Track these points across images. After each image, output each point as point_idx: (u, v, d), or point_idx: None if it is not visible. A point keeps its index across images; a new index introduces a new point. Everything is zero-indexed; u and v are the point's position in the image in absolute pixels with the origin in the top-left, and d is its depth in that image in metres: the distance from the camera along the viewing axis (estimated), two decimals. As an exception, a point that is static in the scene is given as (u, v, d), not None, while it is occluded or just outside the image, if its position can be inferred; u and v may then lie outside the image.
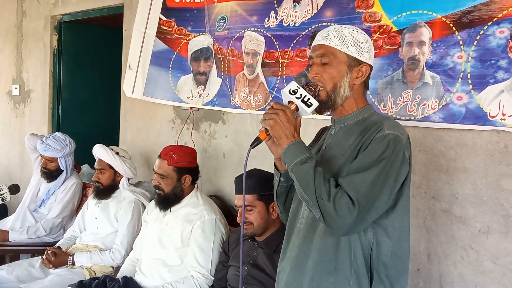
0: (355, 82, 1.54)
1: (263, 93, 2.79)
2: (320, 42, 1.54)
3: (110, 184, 3.04)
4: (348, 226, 1.38)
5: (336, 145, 1.55)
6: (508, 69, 1.85)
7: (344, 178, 1.41)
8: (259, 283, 2.15)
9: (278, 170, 1.63)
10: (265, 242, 2.21)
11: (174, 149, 2.59)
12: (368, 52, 1.54)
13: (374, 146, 1.43)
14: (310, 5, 2.54)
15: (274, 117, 1.46)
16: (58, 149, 3.39)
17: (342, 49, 1.51)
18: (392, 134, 1.43)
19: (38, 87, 4.89)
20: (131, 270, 2.67)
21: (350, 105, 1.56)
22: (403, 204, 1.48)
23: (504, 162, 1.90)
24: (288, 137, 1.46)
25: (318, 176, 1.40)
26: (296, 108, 1.50)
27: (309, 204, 1.43)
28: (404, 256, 1.51)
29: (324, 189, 1.38)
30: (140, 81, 3.47)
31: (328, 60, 1.52)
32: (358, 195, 1.37)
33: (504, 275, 1.91)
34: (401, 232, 1.49)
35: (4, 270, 2.86)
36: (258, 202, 2.18)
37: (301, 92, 1.49)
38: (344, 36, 1.51)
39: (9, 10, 5.24)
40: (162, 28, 3.37)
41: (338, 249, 1.47)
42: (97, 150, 3.04)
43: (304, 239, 1.55)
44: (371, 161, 1.40)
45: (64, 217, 3.42)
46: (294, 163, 1.43)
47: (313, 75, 1.54)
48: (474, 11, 1.94)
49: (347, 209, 1.36)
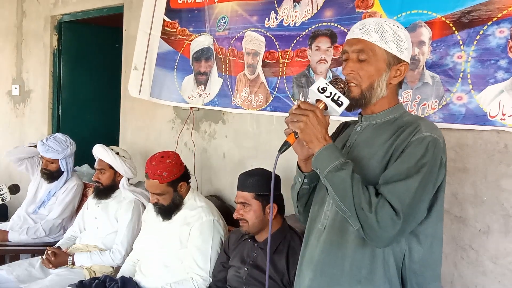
0: (392, 82, 1.45)
1: (263, 93, 2.79)
2: (358, 36, 1.42)
3: (110, 184, 3.04)
4: (390, 239, 1.30)
5: (364, 144, 1.46)
6: (508, 69, 1.85)
7: (385, 186, 1.31)
8: (259, 284, 2.15)
9: (302, 171, 1.53)
10: (265, 243, 2.21)
11: (159, 166, 2.43)
12: (408, 50, 1.44)
13: (412, 149, 1.33)
14: (310, 5, 2.54)
15: (304, 119, 1.34)
16: (59, 151, 3.38)
17: (382, 46, 1.40)
18: (431, 136, 1.35)
19: (38, 87, 4.89)
20: (131, 270, 2.66)
21: (382, 104, 1.47)
22: (437, 209, 1.40)
23: (504, 162, 1.90)
24: (320, 140, 1.35)
25: (356, 184, 1.30)
26: (325, 107, 1.38)
27: (346, 214, 1.33)
28: (434, 264, 1.43)
29: (364, 199, 1.29)
30: (147, 82, 3.48)
31: (366, 57, 1.41)
32: (403, 205, 1.27)
33: (504, 275, 1.91)
34: (433, 238, 1.41)
35: (4, 270, 2.86)
36: (254, 201, 2.19)
37: (330, 90, 1.37)
38: (384, 31, 1.40)
39: (9, 10, 5.24)
40: (167, 29, 3.37)
41: (372, 258, 1.38)
42: (97, 150, 3.04)
43: (330, 244, 1.45)
44: (411, 166, 1.31)
45: (64, 218, 3.42)
46: (329, 169, 1.33)
47: (348, 71, 1.43)
48: (474, 11, 1.94)
49: (390, 221, 1.27)
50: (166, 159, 2.49)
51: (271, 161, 1.62)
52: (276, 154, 1.45)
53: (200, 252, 2.43)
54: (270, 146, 2.79)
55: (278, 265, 2.13)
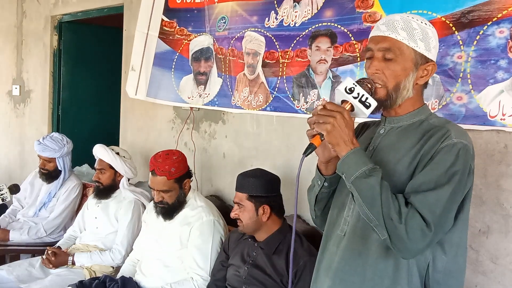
0: (419, 82, 1.38)
1: (263, 93, 2.79)
2: (385, 34, 1.36)
3: (110, 184, 3.04)
4: (418, 251, 1.26)
5: (389, 148, 1.40)
6: (508, 69, 1.85)
7: (415, 196, 1.25)
8: (259, 283, 2.15)
9: (322, 174, 1.46)
10: (264, 243, 2.21)
11: (167, 162, 2.45)
12: (435, 48, 1.38)
13: (442, 156, 1.28)
14: (310, 5, 2.54)
15: (331, 120, 1.27)
16: (56, 149, 3.39)
17: (410, 44, 1.34)
18: (461, 143, 1.30)
19: (38, 87, 4.89)
20: (131, 270, 2.67)
21: (407, 105, 1.40)
22: (463, 218, 1.35)
23: (504, 162, 1.90)
24: (347, 143, 1.28)
25: (385, 192, 1.24)
26: (351, 108, 1.32)
27: (373, 223, 1.27)
28: (458, 273, 1.38)
29: (393, 208, 1.23)
30: (143, 82, 3.48)
31: (393, 56, 1.34)
32: (434, 217, 1.23)
33: (504, 275, 1.91)
34: (458, 247, 1.36)
35: (4, 270, 2.85)
36: (248, 202, 2.20)
37: (358, 90, 1.31)
38: (412, 29, 1.34)
39: (9, 10, 5.24)
40: (165, 29, 3.37)
41: (396, 268, 1.33)
42: (98, 150, 3.04)
43: (351, 252, 1.39)
44: (441, 174, 1.26)
45: (64, 219, 3.42)
46: (356, 175, 1.27)
47: (373, 71, 1.36)
48: (473, 11, 1.94)
49: (420, 232, 1.22)
50: (172, 156, 2.51)
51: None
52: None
53: (200, 252, 2.43)
54: (270, 146, 2.79)
55: (277, 265, 2.13)
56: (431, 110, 1.49)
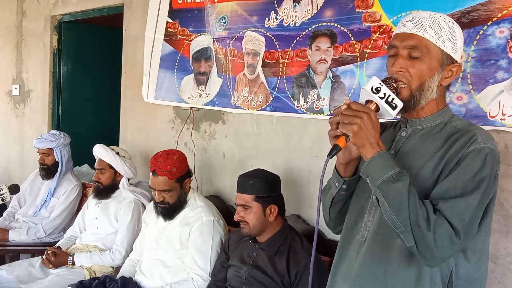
0: (443, 83, 1.34)
1: (263, 93, 2.79)
2: (412, 31, 1.31)
3: (110, 184, 3.04)
4: (444, 258, 1.23)
5: (412, 152, 1.35)
6: (508, 69, 1.85)
7: (444, 202, 1.22)
8: (259, 284, 2.15)
9: (340, 175, 1.41)
10: (266, 244, 2.21)
11: (168, 162, 2.46)
12: (461, 49, 1.34)
13: (469, 161, 1.24)
14: (310, 5, 2.54)
15: (358, 121, 1.21)
16: (52, 140, 3.45)
17: (437, 43, 1.29)
18: (488, 147, 1.26)
19: (38, 87, 4.89)
20: (131, 271, 2.67)
21: (430, 107, 1.36)
22: (487, 223, 1.31)
23: (504, 162, 1.90)
24: (373, 145, 1.24)
25: (412, 198, 1.20)
26: (376, 109, 1.27)
27: (398, 229, 1.23)
28: (480, 280, 1.34)
29: (421, 215, 1.19)
30: (152, 85, 3.49)
31: (420, 55, 1.30)
32: (463, 224, 1.19)
33: (504, 275, 1.91)
34: (481, 254, 1.32)
35: (4, 270, 2.85)
36: (255, 203, 2.18)
37: (384, 90, 1.26)
38: (441, 27, 1.29)
39: (9, 10, 5.24)
40: (169, 30, 3.37)
41: (419, 277, 1.29)
42: (98, 150, 3.04)
43: (372, 258, 1.35)
44: (468, 180, 1.23)
45: (64, 220, 3.42)
46: (383, 179, 1.22)
47: (397, 69, 1.31)
48: (473, 11, 1.94)
49: (448, 240, 1.19)
50: (173, 156, 2.51)
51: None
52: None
53: (200, 252, 2.43)
54: (270, 146, 2.79)
55: (278, 266, 2.13)
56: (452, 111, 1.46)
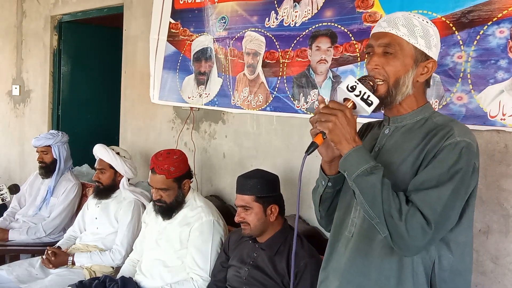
0: (419, 79, 1.38)
1: (263, 93, 2.79)
2: (385, 30, 1.37)
3: (110, 184, 3.04)
4: (419, 248, 1.26)
5: (393, 148, 1.39)
6: (508, 69, 1.86)
7: (416, 193, 1.26)
8: (260, 284, 2.15)
9: (326, 173, 1.46)
10: (266, 244, 2.21)
11: (167, 161, 2.47)
12: (436, 47, 1.38)
13: (445, 155, 1.27)
14: (310, 5, 2.54)
15: (333, 119, 1.27)
16: (49, 137, 3.47)
17: (410, 41, 1.34)
18: (464, 141, 1.28)
19: (38, 87, 4.89)
20: (131, 271, 2.66)
21: (409, 103, 1.40)
22: (468, 216, 1.35)
23: (504, 162, 1.90)
24: (349, 141, 1.29)
25: (386, 190, 1.25)
26: (353, 106, 1.32)
27: (374, 221, 1.28)
28: (465, 271, 1.38)
29: (394, 206, 1.24)
30: (157, 86, 3.50)
31: (393, 51, 1.34)
32: (435, 214, 1.23)
33: (504, 275, 1.91)
34: (465, 246, 1.36)
35: (4, 270, 2.85)
36: (255, 204, 2.18)
37: (360, 88, 1.31)
38: (413, 25, 1.35)
39: (9, 10, 5.24)
40: (172, 31, 3.38)
41: (401, 267, 1.33)
42: (98, 149, 3.04)
43: (357, 252, 1.40)
44: (442, 173, 1.26)
45: (64, 219, 3.42)
46: (358, 173, 1.27)
47: (373, 66, 1.37)
48: (474, 11, 1.94)
49: (420, 230, 1.23)
50: (173, 155, 2.52)
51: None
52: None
53: (200, 252, 2.43)
54: (270, 146, 2.79)
55: (278, 266, 2.13)
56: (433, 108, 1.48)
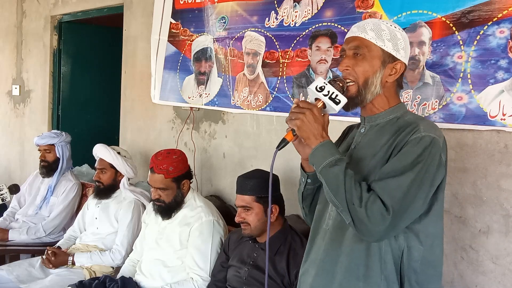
0: (388, 80, 1.46)
1: (263, 93, 2.79)
2: (355, 34, 1.47)
3: (111, 184, 3.03)
4: (380, 233, 1.32)
5: (367, 145, 1.48)
6: (508, 69, 1.86)
7: (377, 182, 1.34)
8: (259, 284, 2.15)
9: (305, 171, 1.56)
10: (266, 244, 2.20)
11: (166, 161, 2.47)
12: (404, 50, 1.47)
13: (409, 148, 1.35)
14: (310, 5, 2.54)
15: (301, 116, 1.38)
16: (54, 136, 3.47)
17: (378, 43, 1.44)
18: (429, 136, 1.36)
19: (38, 87, 4.89)
20: (131, 271, 2.66)
21: (381, 103, 1.48)
22: (437, 209, 1.42)
23: (504, 162, 1.90)
24: (317, 137, 1.39)
25: (348, 179, 1.33)
26: (323, 106, 1.42)
27: (339, 209, 1.37)
28: (435, 262, 1.44)
29: (355, 194, 1.32)
30: (157, 86, 3.50)
31: (362, 53, 1.44)
32: (393, 201, 1.30)
33: (504, 275, 1.91)
34: (434, 238, 1.43)
35: (4, 270, 2.85)
36: (256, 204, 2.18)
37: (328, 88, 1.41)
38: (381, 30, 1.44)
39: (9, 10, 5.24)
40: (172, 31, 3.38)
41: (368, 254, 1.40)
42: (99, 149, 3.04)
43: (331, 242, 1.48)
44: (406, 165, 1.33)
45: (64, 219, 3.42)
46: (323, 165, 1.37)
47: (344, 67, 1.46)
48: (474, 11, 1.94)
49: (380, 216, 1.30)
50: (172, 155, 2.52)
51: (271, 161, 1.62)
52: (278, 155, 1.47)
53: (200, 252, 2.43)
54: (270, 146, 2.79)
55: (278, 266, 2.13)
56: (407, 108, 1.56)
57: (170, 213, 2.52)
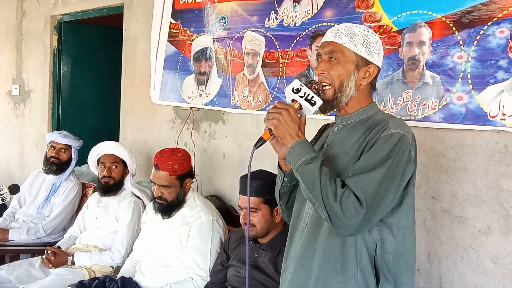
0: (362, 82, 1.53)
1: (263, 93, 2.79)
2: (330, 39, 1.53)
3: (120, 179, 3.04)
4: (354, 227, 1.37)
5: (339, 143, 1.54)
6: (508, 69, 1.85)
7: (350, 178, 1.40)
8: (260, 284, 2.15)
9: (282, 170, 1.61)
10: (267, 245, 2.20)
11: (171, 158, 2.49)
12: (377, 53, 1.53)
13: (379, 145, 1.41)
14: (310, 5, 2.54)
15: (278, 116, 1.44)
16: (75, 139, 3.52)
17: (351, 48, 1.49)
18: (398, 133, 1.42)
19: (38, 87, 4.89)
20: (131, 271, 2.66)
21: (354, 104, 1.54)
22: (408, 202, 1.48)
23: (504, 162, 1.90)
24: (293, 136, 1.45)
25: (324, 176, 1.39)
26: (300, 107, 1.48)
27: (315, 205, 1.41)
28: (407, 254, 1.50)
29: (330, 190, 1.37)
30: (157, 86, 3.50)
31: (336, 57, 1.50)
32: (366, 195, 1.36)
33: (504, 275, 1.91)
34: (405, 230, 1.48)
35: (4, 270, 2.85)
36: (264, 206, 2.16)
37: (304, 90, 1.47)
38: (354, 34, 1.50)
39: (9, 10, 5.24)
40: (172, 31, 3.38)
41: (344, 248, 1.46)
42: (111, 145, 3.07)
43: (309, 238, 1.54)
44: (377, 161, 1.39)
45: (64, 219, 3.42)
46: (299, 163, 1.42)
47: (319, 71, 1.52)
48: (474, 11, 1.94)
49: (354, 210, 1.35)
50: (177, 153, 2.54)
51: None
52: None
53: (200, 252, 2.43)
54: (270, 146, 2.77)
55: (279, 267, 2.12)
56: (379, 107, 1.62)
57: (170, 212, 2.52)
